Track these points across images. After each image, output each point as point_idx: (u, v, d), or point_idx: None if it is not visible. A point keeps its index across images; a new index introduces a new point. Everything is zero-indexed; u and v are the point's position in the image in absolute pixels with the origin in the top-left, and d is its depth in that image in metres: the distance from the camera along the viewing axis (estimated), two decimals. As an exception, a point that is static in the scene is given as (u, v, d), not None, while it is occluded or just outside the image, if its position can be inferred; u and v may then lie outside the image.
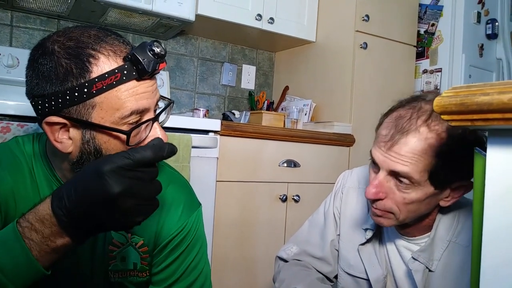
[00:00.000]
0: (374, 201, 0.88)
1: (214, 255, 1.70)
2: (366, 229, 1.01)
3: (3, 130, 1.18)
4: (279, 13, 2.23)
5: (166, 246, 0.86)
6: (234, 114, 2.32)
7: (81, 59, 0.67)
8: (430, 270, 0.91)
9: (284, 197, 1.88)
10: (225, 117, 2.33)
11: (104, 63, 0.68)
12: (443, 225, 0.93)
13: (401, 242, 0.98)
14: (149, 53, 0.68)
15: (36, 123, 1.21)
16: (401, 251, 0.98)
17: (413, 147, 0.80)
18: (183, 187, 0.92)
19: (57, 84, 0.67)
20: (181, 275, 0.87)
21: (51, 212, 0.60)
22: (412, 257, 0.93)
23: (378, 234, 1.02)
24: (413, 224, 0.93)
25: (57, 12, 1.92)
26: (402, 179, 0.83)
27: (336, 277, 1.12)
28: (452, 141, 0.80)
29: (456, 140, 0.80)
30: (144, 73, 0.69)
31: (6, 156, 0.79)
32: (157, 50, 0.69)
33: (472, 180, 0.83)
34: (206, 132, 1.66)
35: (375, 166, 0.88)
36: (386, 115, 0.90)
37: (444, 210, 0.93)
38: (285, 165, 1.89)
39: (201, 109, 2.18)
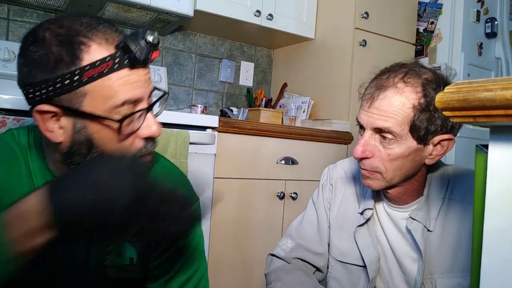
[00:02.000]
0: (361, 161, 0.93)
1: (211, 252, 1.70)
2: (363, 211, 1.03)
3: (-2, 124, 1.17)
4: (278, 9, 2.22)
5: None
6: (232, 110, 2.32)
7: (72, 46, 0.66)
8: (428, 230, 0.94)
9: (282, 195, 1.88)
10: (223, 114, 2.32)
11: (96, 51, 0.67)
12: (435, 184, 0.97)
13: (395, 214, 1.00)
14: (141, 41, 0.67)
15: (33, 118, 1.21)
16: (397, 222, 1.00)
17: (391, 101, 0.87)
18: (181, 180, 0.91)
19: (48, 72, 0.66)
20: (178, 270, 0.86)
21: (46, 205, 0.57)
22: (410, 216, 0.96)
23: (372, 215, 1.03)
24: (402, 187, 0.96)
25: (54, 6, 1.90)
26: (385, 134, 0.88)
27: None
28: (427, 93, 0.87)
29: (431, 93, 0.87)
30: (137, 62, 0.68)
31: (1, 149, 0.78)
32: (150, 38, 0.68)
33: (452, 135, 0.90)
34: (203, 128, 1.65)
35: (361, 129, 0.94)
36: (369, 82, 0.97)
37: (432, 170, 0.98)
38: (283, 162, 1.89)
39: (199, 105, 2.18)
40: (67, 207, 0.57)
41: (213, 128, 1.68)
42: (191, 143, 1.54)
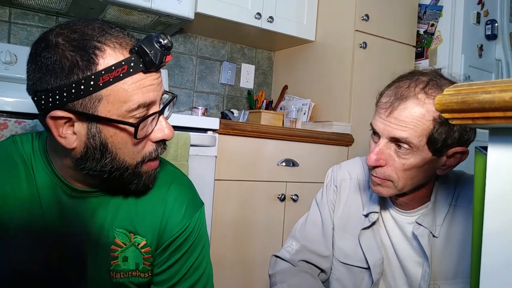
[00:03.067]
0: (374, 168, 0.92)
1: (212, 254, 1.69)
2: (368, 214, 1.03)
3: (0, 126, 1.17)
4: (278, 12, 2.22)
5: (169, 246, 0.85)
6: (233, 113, 2.32)
7: (87, 51, 0.66)
8: (433, 236, 0.94)
9: (283, 197, 1.88)
10: (223, 116, 2.32)
11: (111, 56, 0.67)
12: (442, 191, 0.97)
13: (401, 218, 1.00)
14: (156, 45, 0.68)
15: (34, 120, 1.21)
16: (403, 227, 1.00)
17: (411, 112, 0.85)
18: (186, 186, 0.91)
19: (62, 78, 0.66)
20: (183, 275, 0.86)
21: None
22: (416, 222, 0.96)
23: (377, 219, 1.04)
24: (411, 194, 0.96)
25: (56, 9, 1.91)
26: (401, 144, 0.87)
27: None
28: None
29: None
30: (152, 65, 0.68)
31: (0, 157, 0.77)
32: (163, 41, 0.69)
33: (467, 148, 0.90)
34: (204, 130, 1.66)
35: (375, 136, 0.93)
36: (385, 88, 0.95)
37: (441, 180, 0.98)
38: (284, 164, 1.89)
39: (200, 107, 2.18)
40: None
41: (214, 130, 1.68)
42: (192, 145, 1.54)
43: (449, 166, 0.92)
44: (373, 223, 1.02)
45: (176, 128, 1.55)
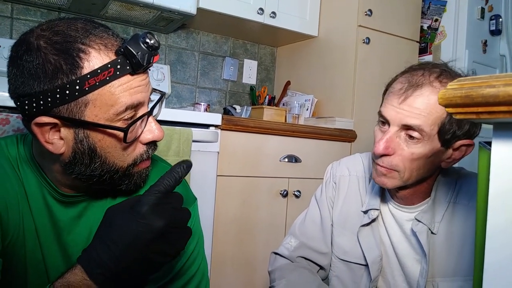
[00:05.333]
0: (380, 157, 0.90)
1: (214, 250, 1.70)
2: (367, 211, 1.02)
3: (2, 122, 1.17)
4: (281, 7, 2.21)
5: None
6: (235, 108, 2.31)
7: (71, 54, 0.63)
8: (432, 233, 0.94)
9: (285, 193, 1.88)
10: (226, 112, 2.32)
11: (96, 58, 0.64)
12: (442, 187, 0.97)
13: (400, 215, 1.00)
14: (142, 45, 0.65)
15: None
16: (402, 224, 0.99)
17: (426, 100, 0.85)
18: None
19: (46, 82, 0.63)
20: (178, 271, 0.85)
21: (89, 281, 0.60)
22: (416, 218, 0.95)
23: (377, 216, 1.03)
24: (413, 188, 0.95)
25: (58, 4, 1.91)
26: (412, 133, 0.86)
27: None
28: None
29: None
30: (139, 67, 0.66)
31: None
32: (150, 42, 0.66)
33: (472, 140, 0.89)
34: (207, 126, 1.66)
35: (383, 125, 0.92)
36: (396, 77, 0.94)
37: (442, 175, 0.98)
38: (286, 160, 1.88)
39: (202, 103, 2.18)
40: (109, 276, 0.60)
41: (216, 126, 1.68)
42: (194, 141, 1.54)
43: (454, 159, 0.91)
44: (373, 220, 1.01)
45: (178, 123, 1.56)
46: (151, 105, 0.74)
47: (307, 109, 2.25)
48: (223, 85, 2.50)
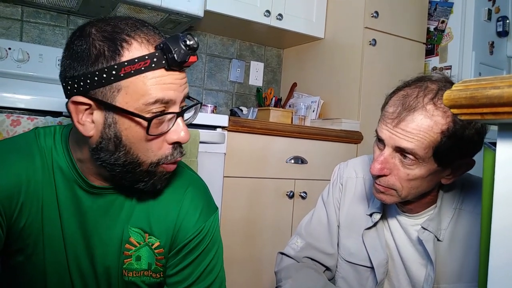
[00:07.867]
0: (378, 177, 0.90)
1: (221, 251, 1.71)
2: (371, 214, 1.02)
3: (13, 123, 1.19)
4: (287, 9, 2.22)
5: (182, 248, 0.85)
6: (241, 110, 2.32)
7: (115, 42, 0.69)
8: (438, 240, 0.94)
9: (291, 194, 1.88)
10: (232, 113, 2.33)
11: (136, 49, 0.69)
12: (447, 195, 0.96)
13: (405, 221, 0.99)
14: (181, 43, 0.69)
15: (46, 117, 1.23)
16: (407, 229, 0.99)
17: (419, 124, 0.83)
18: (201, 190, 0.91)
19: (88, 65, 0.68)
20: (196, 278, 0.86)
21: None
22: (422, 226, 0.95)
23: (381, 219, 1.03)
24: (416, 202, 0.95)
25: (67, 7, 1.93)
26: (407, 155, 0.85)
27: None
28: (457, 120, 0.83)
29: (462, 120, 0.82)
30: (174, 63, 0.69)
31: (22, 146, 0.79)
32: (189, 42, 0.70)
33: (472, 158, 0.88)
34: (214, 127, 1.67)
35: (380, 143, 0.91)
36: (392, 94, 0.92)
37: (446, 185, 0.96)
38: (293, 161, 1.89)
39: (209, 105, 2.19)
40: None
41: (223, 128, 1.69)
42: (201, 142, 1.55)
43: (454, 176, 0.90)
44: (377, 223, 1.01)
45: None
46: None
47: (313, 111, 2.26)
48: (230, 87, 2.52)
